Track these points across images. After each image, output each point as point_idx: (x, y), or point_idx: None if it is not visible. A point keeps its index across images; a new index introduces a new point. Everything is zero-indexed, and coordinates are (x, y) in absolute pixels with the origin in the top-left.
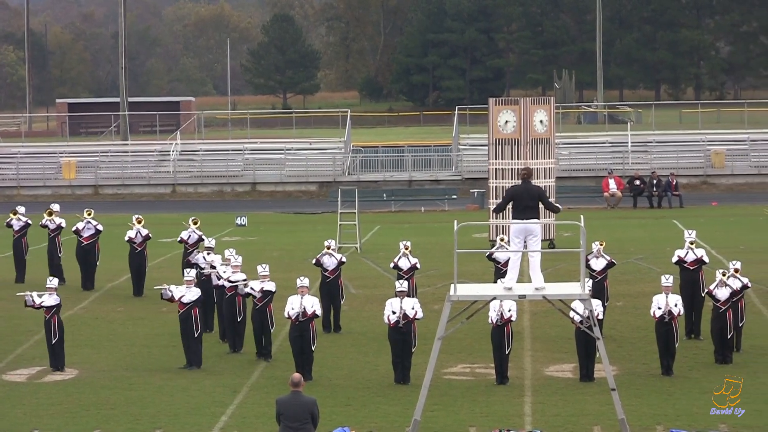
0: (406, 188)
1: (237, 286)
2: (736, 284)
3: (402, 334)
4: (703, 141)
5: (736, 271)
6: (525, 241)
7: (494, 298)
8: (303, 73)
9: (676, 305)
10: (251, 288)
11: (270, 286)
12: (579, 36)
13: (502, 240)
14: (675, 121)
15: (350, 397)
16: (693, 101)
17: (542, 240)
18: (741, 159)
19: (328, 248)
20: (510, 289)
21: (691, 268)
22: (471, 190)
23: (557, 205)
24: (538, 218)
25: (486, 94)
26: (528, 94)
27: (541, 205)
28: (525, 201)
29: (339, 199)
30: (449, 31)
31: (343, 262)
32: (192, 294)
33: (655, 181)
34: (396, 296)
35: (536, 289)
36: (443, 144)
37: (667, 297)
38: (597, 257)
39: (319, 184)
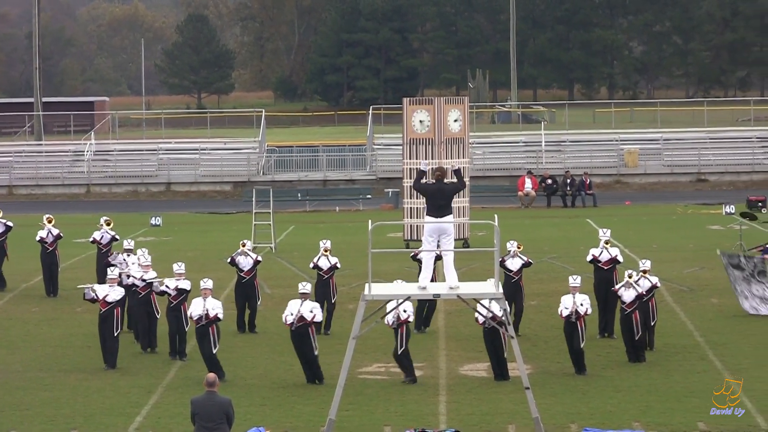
0: (320, 188)
1: (152, 284)
2: (646, 285)
3: (300, 335)
4: (617, 140)
5: (645, 272)
6: (438, 241)
7: (409, 298)
8: (217, 73)
9: (582, 305)
10: (166, 286)
11: (185, 284)
12: (493, 36)
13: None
14: (588, 120)
15: (265, 397)
16: (606, 101)
17: (456, 239)
18: (654, 158)
19: (244, 246)
20: (424, 288)
21: (605, 267)
22: (385, 190)
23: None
24: (451, 217)
25: (400, 93)
26: (442, 94)
27: (454, 205)
28: (439, 200)
29: (254, 198)
30: (363, 31)
31: (259, 261)
32: (116, 293)
33: (568, 181)
34: (299, 297)
35: (450, 288)
36: (358, 144)
37: (574, 297)
38: (513, 257)
39: (233, 184)
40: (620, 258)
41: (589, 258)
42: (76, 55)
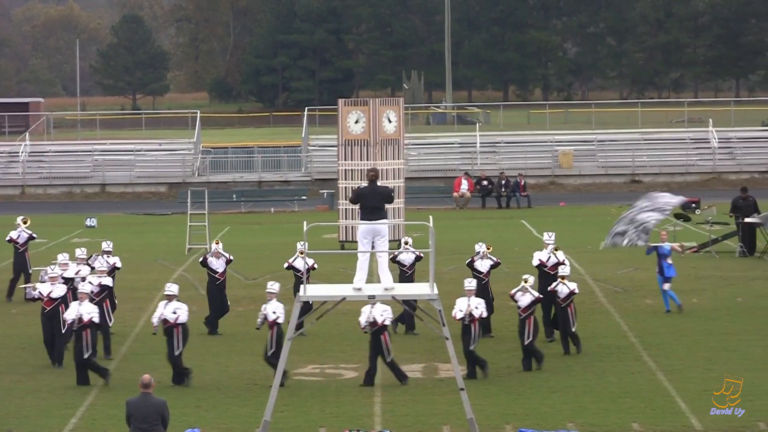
0: (255, 189)
1: (107, 288)
2: (564, 291)
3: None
4: (551, 141)
5: (563, 277)
6: (373, 242)
7: (344, 299)
8: (152, 74)
9: (477, 308)
10: (89, 282)
11: (107, 281)
12: (428, 37)
13: (406, 244)
14: (523, 121)
15: (200, 399)
16: (541, 102)
17: (391, 240)
18: (588, 159)
19: (217, 244)
20: (359, 289)
21: (552, 272)
22: (320, 191)
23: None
24: (386, 219)
25: (335, 94)
26: (377, 95)
27: (388, 206)
28: (372, 202)
29: (189, 200)
30: (299, 32)
31: (231, 261)
32: (59, 290)
33: (503, 182)
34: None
35: (385, 289)
36: (293, 145)
37: (469, 300)
38: (482, 258)
39: (168, 185)
40: (567, 263)
41: (535, 262)
42: (11, 56)
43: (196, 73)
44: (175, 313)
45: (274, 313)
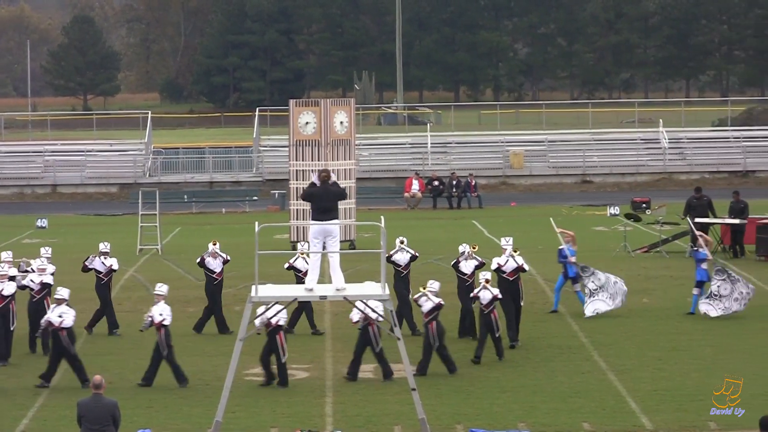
0: (207, 189)
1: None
2: (486, 296)
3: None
4: (502, 142)
5: (487, 281)
6: (324, 242)
7: (295, 299)
8: (103, 75)
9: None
10: (30, 280)
11: (49, 279)
12: (379, 37)
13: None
14: (474, 122)
15: (152, 399)
16: (492, 102)
17: (342, 241)
18: (539, 160)
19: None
20: (311, 290)
21: (510, 277)
22: (272, 192)
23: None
24: (337, 219)
25: (286, 95)
26: (328, 96)
27: (340, 206)
28: (324, 202)
29: (140, 200)
30: (250, 33)
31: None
32: (10, 287)
33: (454, 182)
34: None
35: (337, 289)
36: (244, 145)
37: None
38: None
39: (119, 185)
40: (526, 267)
41: (493, 266)
42: None
43: (147, 74)
44: (161, 314)
45: (161, 314)
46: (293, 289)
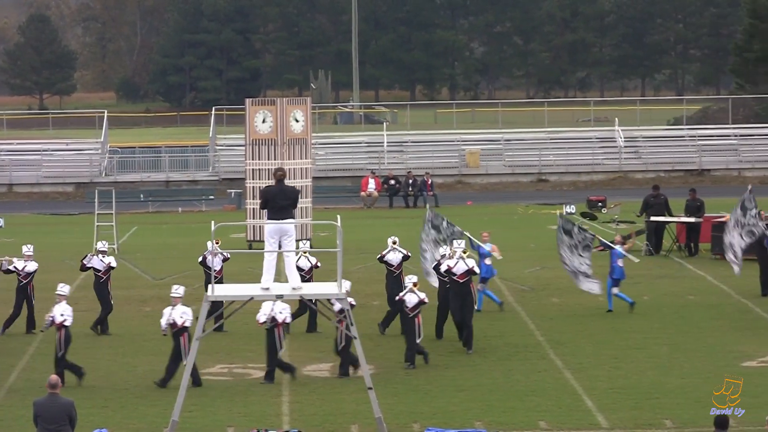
0: (163, 189)
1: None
2: (413, 300)
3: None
4: (458, 141)
5: (415, 284)
6: (280, 241)
7: (251, 299)
8: (59, 74)
9: (281, 312)
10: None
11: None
12: (335, 37)
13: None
14: (430, 121)
15: (108, 399)
16: (448, 101)
17: (297, 240)
18: (495, 159)
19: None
20: (267, 289)
21: (461, 280)
22: (228, 191)
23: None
24: (293, 218)
25: (243, 94)
26: (285, 95)
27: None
28: (280, 202)
29: (96, 200)
30: (206, 32)
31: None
32: None
33: (410, 181)
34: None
35: (293, 289)
36: (200, 144)
37: (273, 304)
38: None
39: (76, 185)
40: (476, 269)
41: (443, 268)
42: None
43: (103, 73)
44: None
45: (62, 315)
46: (249, 289)
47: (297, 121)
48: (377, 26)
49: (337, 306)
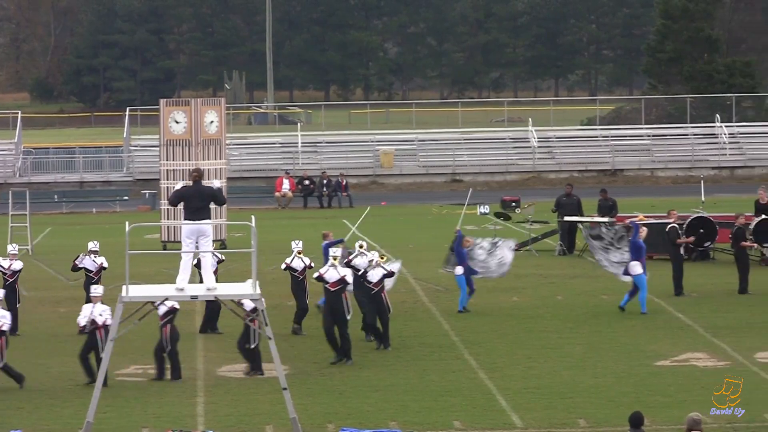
0: (77, 189)
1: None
2: (333, 276)
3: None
4: (372, 141)
5: (335, 258)
6: (197, 242)
7: (166, 299)
8: None
9: (101, 315)
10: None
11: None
12: (249, 37)
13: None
14: (344, 121)
15: (23, 400)
16: (362, 102)
17: (214, 240)
18: (409, 159)
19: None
20: (182, 289)
21: (376, 288)
22: (142, 191)
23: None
24: (210, 219)
25: (157, 95)
26: (199, 95)
27: (212, 206)
28: (196, 202)
29: (10, 201)
30: (120, 32)
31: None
32: None
33: (325, 182)
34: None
35: (208, 289)
36: (114, 145)
37: (93, 306)
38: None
39: None
40: (349, 278)
41: (315, 275)
42: None
43: (17, 73)
44: (101, 315)
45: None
46: (164, 289)
47: (211, 121)
48: (291, 27)
49: (250, 305)
